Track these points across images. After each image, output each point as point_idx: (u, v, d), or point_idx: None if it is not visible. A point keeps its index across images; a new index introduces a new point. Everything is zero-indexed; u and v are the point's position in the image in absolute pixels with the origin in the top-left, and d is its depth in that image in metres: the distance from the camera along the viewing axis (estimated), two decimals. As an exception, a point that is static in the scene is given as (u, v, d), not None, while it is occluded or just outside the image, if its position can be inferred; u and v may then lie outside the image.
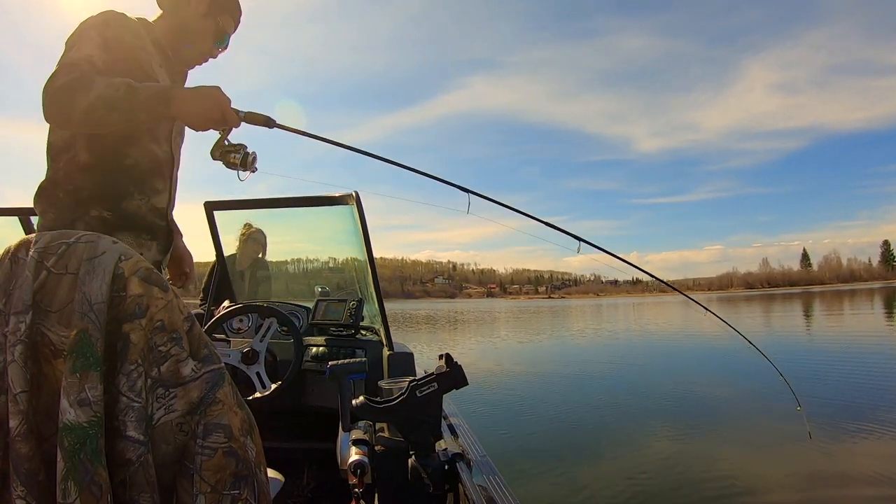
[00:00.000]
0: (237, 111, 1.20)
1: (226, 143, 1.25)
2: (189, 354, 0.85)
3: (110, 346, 0.79)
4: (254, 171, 1.30)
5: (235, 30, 1.40)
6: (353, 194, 1.96)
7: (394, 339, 2.12)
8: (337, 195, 2.06)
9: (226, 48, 1.33)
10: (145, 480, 0.77)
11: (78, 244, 0.84)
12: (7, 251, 0.89)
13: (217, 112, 1.13)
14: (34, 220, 2.17)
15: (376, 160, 1.49)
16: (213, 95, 1.12)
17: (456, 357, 1.33)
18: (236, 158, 1.26)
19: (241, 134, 1.32)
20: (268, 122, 1.29)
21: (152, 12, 1.26)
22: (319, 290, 2.62)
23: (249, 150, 1.28)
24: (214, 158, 1.28)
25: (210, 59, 1.33)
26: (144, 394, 0.79)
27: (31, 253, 0.82)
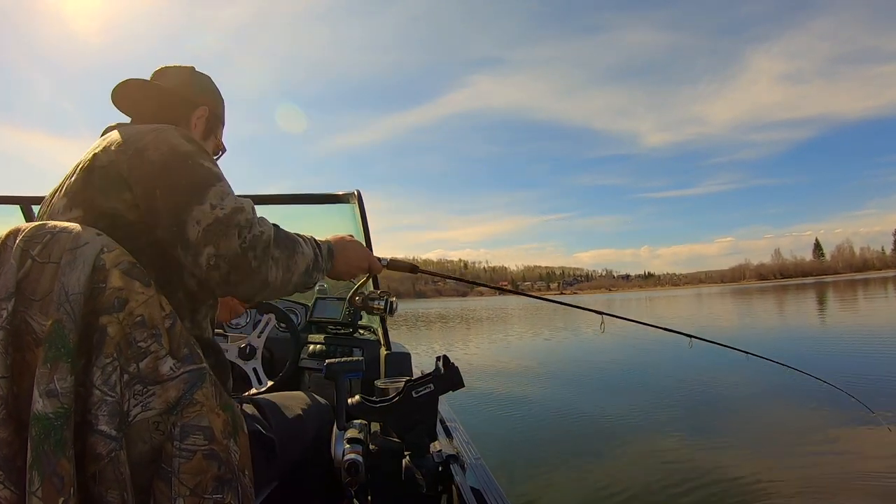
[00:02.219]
0: (380, 259, 1.22)
1: (364, 291, 1.28)
2: (168, 352, 0.84)
3: (87, 339, 0.78)
4: (391, 316, 1.32)
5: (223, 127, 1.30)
6: (355, 193, 1.97)
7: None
8: (339, 193, 2.06)
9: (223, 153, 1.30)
10: (115, 477, 0.76)
11: (62, 234, 0.84)
12: None
13: (365, 262, 1.15)
14: (35, 208, 2.19)
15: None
16: (359, 246, 1.13)
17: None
18: (380, 305, 1.27)
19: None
20: (412, 269, 1.31)
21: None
22: (318, 287, 2.61)
23: (392, 297, 1.29)
24: (354, 305, 1.29)
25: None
26: (119, 388, 0.78)
27: (16, 241, 0.83)
